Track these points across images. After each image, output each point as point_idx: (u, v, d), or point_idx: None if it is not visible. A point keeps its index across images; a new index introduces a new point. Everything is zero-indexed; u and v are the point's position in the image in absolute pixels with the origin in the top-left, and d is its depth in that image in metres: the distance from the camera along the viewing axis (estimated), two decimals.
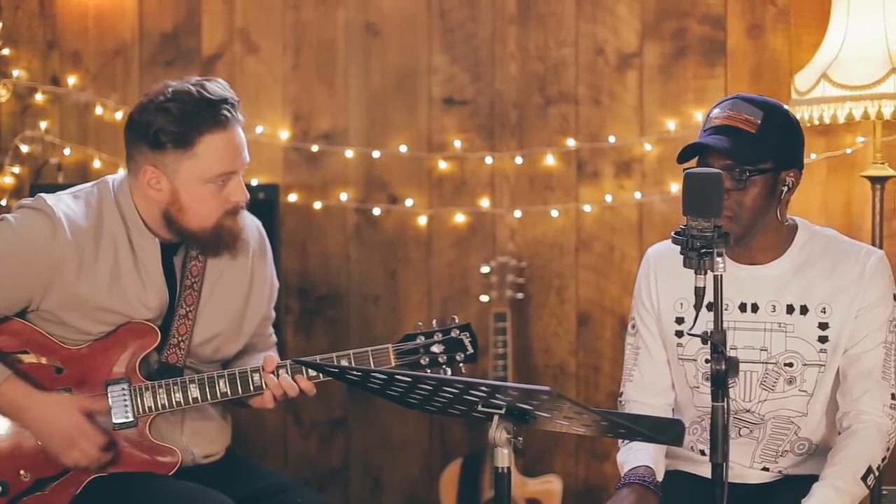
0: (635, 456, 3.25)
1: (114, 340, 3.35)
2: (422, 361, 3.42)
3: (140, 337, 3.36)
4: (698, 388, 3.31)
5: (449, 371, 3.43)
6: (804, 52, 4.50)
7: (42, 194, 3.36)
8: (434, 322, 3.48)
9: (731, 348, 3.20)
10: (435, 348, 3.43)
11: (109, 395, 3.33)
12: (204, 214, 3.33)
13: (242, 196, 3.36)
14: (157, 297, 3.37)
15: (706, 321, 2.85)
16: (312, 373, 3.38)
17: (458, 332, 3.44)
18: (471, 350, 3.44)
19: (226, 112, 3.30)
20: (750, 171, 3.11)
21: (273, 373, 3.37)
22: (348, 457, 4.94)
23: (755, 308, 3.25)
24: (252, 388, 3.38)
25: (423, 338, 3.43)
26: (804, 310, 3.23)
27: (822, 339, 3.22)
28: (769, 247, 3.25)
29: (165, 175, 3.30)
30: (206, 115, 3.27)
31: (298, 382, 3.38)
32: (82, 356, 3.35)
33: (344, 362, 3.39)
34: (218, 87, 3.33)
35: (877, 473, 3.17)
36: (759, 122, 3.14)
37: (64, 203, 3.34)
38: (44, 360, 3.35)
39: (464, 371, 3.47)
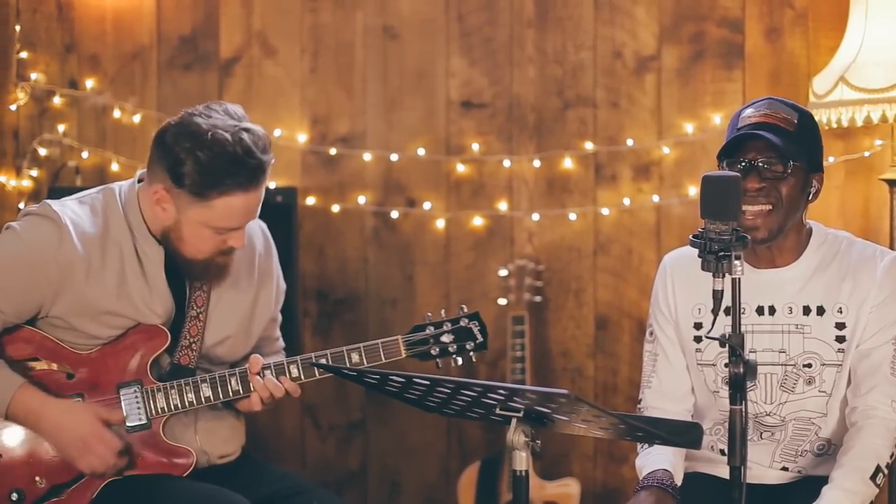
0: (653, 459, 3.25)
1: (124, 344, 3.36)
2: (432, 352, 3.42)
3: (150, 339, 3.36)
4: (718, 392, 3.31)
5: (460, 360, 3.43)
6: (822, 55, 4.49)
7: (47, 200, 3.36)
8: (443, 312, 3.48)
9: (751, 351, 3.23)
10: (445, 338, 3.42)
11: (122, 397, 3.34)
12: (199, 249, 3.34)
13: (240, 244, 3.35)
14: (163, 304, 3.38)
15: (724, 325, 2.85)
16: (304, 372, 3.41)
17: (466, 321, 3.44)
18: (480, 338, 3.43)
19: (253, 175, 3.25)
20: (792, 163, 3.14)
21: (259, 374, 3.39)
22: (366, 460, 4.94)
23: (772, 310, 3.26)
24: None
25: (432, 328, 3.43)
26: (821, 310, 3.24)
27: (840, 339, 3.23)
28: (788, 249, 3.26)
29: (175, 205, 3.30)
30: (233, 178, 3.23)
31: (283, 383, 3.39)
32: (93, 360, 3.35)
33: (355, 355, 3.39)
34: (257, 140, 3.25)
35: (886, 472, 3.17)
36: (796, 122, 3.19)
37: (69, 209, 3.33)
38: (55, 366, 3.35)
39: (474, 360, 3.47)
